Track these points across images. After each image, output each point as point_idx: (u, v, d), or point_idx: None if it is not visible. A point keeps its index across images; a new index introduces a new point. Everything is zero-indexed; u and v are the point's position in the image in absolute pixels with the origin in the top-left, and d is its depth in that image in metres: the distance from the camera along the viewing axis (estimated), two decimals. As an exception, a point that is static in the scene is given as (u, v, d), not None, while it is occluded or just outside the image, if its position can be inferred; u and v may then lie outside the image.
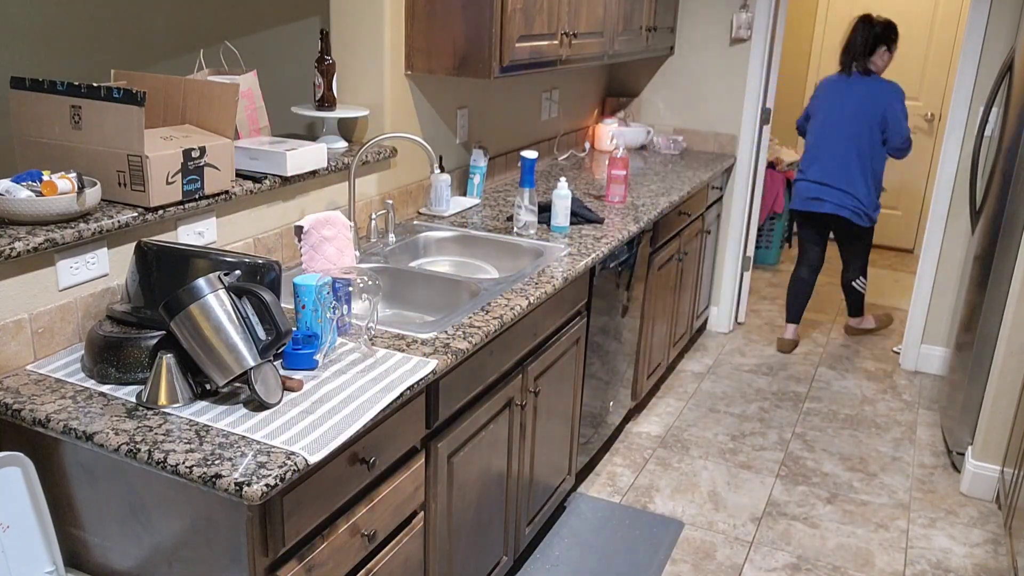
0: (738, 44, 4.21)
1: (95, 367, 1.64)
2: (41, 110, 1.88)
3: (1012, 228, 3.05)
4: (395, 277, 2.40)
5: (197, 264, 1.68)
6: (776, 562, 2.76)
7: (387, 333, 1.94)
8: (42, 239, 1.65)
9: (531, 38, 2.78)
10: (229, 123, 2.04)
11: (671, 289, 3.67)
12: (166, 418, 1.52)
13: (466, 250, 2.74)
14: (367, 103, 2.71)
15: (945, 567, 2.78)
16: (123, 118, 1.81)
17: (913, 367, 4.26)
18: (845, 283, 4.47)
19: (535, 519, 2.63)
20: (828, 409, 3.82)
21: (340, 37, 2.68)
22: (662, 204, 3.26)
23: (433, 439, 1.92)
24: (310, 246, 2.16)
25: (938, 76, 5.82)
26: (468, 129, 3.21)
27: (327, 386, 1.67)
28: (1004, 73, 3.45)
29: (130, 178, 1.84)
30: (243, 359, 1.54)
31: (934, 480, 3.29)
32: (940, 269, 4.07)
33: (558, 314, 2.49)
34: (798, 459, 3.39)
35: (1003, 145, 3.31)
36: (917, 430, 3.67)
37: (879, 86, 4.00)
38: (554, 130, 3.99)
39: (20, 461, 1.51)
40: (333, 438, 1.49)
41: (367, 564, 1.71)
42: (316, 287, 1.76)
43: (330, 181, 2.49)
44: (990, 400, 3.05)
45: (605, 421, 3.15)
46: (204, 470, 1.37)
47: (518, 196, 2.71)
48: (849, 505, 3.10)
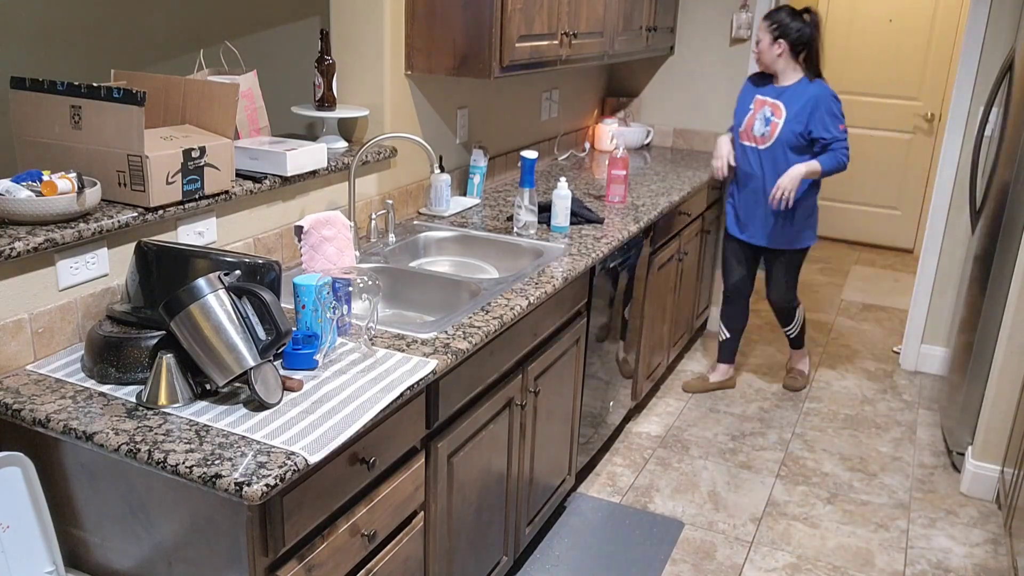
0: (738, 44, 4.21)
1: (95, 367, 1.64)
2: (41, 110, 1.88)
3: (1012, 228, 3.05)
4: (395, 277, 2.40)
5: (197, 264, 1.68)
6: (776, 562, 2.76)
7: (387, 333, 1.94)
8: (42, 239, 1.65)
9: (531, 38, 2.78)
10: (229, 123, 2.04)
11: (671, 289, 3.67)
12: (166, 418, 1.52)
13: (466, 250, 2.74)
14: (367, 103, 2.71)
15: (945, 567, 2.77)
16: (123, 118, 1.81)
17: (913, 367, 4.26)
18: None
19: (535, 519, 2.63)
20: (828, 409, 3.82)
21: (340, 37, 2.68)
22: (662, 204, 3.26)
23: (433, 439, 1.92)
24: (310, 246, 2.16)
25: (938, 76, 5.82)
26: (468, 129, 3.20)
27: (327, 386, 1.67)
28: (1004, 73, 3.45)
29: (130, 178, 1.84)
30: (243, 359, 1.54)
31: (934, 480, 3.29)
32: (940, 269, 4.07)
33: (558, 314, 2.49)
34: (798, 459, 3.39)
35: (1003, 145, 3.31)
36: (917, 430, 3.67)
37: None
38: (554, 130, 3.98)
39: (20, 461, 1.51)
40: (333, 438, 1.49)
41: (367, 564, 1.71)
42: (316, 287, 1.76)
43: (330, 181, 2.49)
44: (990, 400, 3.05)
45: (605, 421, 3.15)
46: (204, 470, 1.37)
47: (518, 196, 2.71)
48: (849, 505, 3.10)
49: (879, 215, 6.22)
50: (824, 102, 3.29)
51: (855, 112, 6.09)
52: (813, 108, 3.29)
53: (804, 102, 3.31)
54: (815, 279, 5.57)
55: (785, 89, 3.36)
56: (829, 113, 3.29)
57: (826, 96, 3.30)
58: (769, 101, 3.39)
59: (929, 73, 5.84)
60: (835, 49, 6.04)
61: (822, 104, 3.29)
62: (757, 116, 3.40)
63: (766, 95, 3.41)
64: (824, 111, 3.28)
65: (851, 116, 6.09)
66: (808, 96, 3.30)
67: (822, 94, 3.30)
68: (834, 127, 3.30)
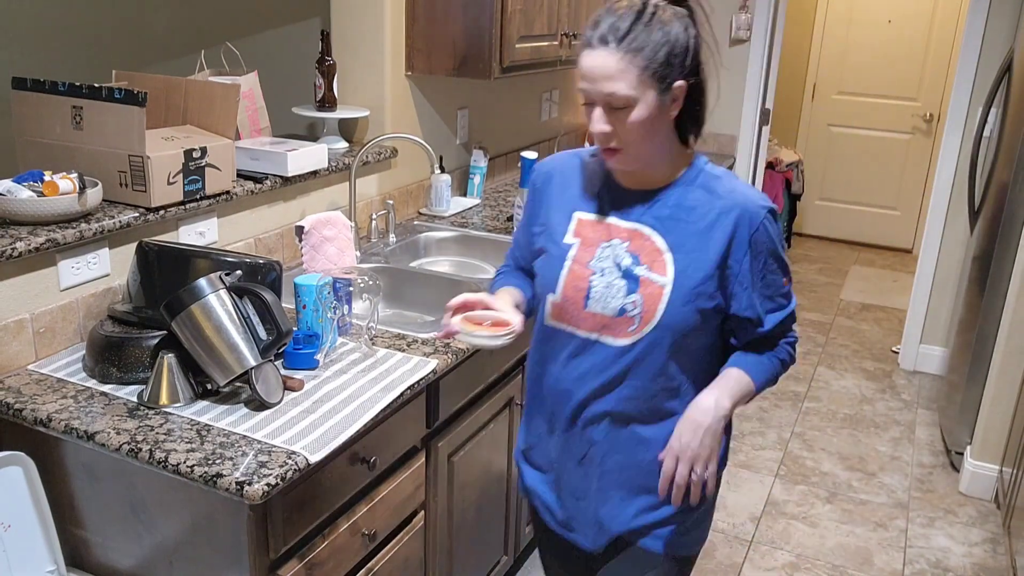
0: (737, 45, 4.21)
1: (96, 367, 1.65)
2: (42, 110, 1.89)
3: (1011, 228, 3.06)
4: (395, 277, 2.41)
5: (198, 264, 1.68)
6: (775, 561, 2.77)
7: (387, 333, 1.95)
8: (43, 239, 1.66)
9: (531, 39, 2.79)
10: (230, 123, 2.04)
11: (671, 289, 3.66)
12: (167, 418, 1.53)
13: (466, 250, 2.75)
14: (368, 103, 2.71)
15: (944, 566, 2.78)
16: (124, 118, 1.81)
17: (912, 367, 4.27)
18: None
19: (535, 519, 2.64)
20: (827, 408, 3.83)
21: (341, 38, 2.69)
22: (662, 204, 3.25)
23: (433, 439, 1.92)
24: (311, 246, 2.17)
25: (938, 76, 5.83)
26: (468, 129, 3.21)
27: (328, 386, 1.67)
28: (1003, 73, 3.46)
29: (131, 178, 1.84)
30: (244, 359, 1.54)
31: (933, 479, 3.30)
32: (939, 269, 4.08)
33: (558, 314, 2.49)
34: (797, 458, 3.40)
35: (1002, 145, 3.31)
36: (916, 430, 3.68)
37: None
38: (554, 130, 3.99)
39: (21, 460, 1.51)
40: (334, 438, 1.49)
41: (367, 563, 1.72)
42: (317, 287, 1.76)
43: (331, 181, 2.49)
44: (989, 400, 3.06)
45: (605, 421, 3.15)
46: (205, 469, 1.37)
47: (518, 196, 2.72)
48: (848, 504, 3.10)
49: (878, 215, 6.23)
50: (761, 229, 1.39)
51: (855, 112, 6.10)
52: (737, 245, 1.38)
53: (710, 228, 1.39)
54: (815, 279, 5.58)
55: (656, 199, 1.42)
56: (773, 256, 1.41)
57: (758, 211, 1.38)
58: (624, 228, 1.43)
59: (928, 73, 5.85)
60: (835, 49, 6.05)
61: (759, 235, 1.39)
62: (597, 268, 1.43)
63: (615, 215, 1.45)
64: (765, 252, 1.40)
65: (851, 116, 6.13)
66: (717, 213, 1.39)
67: (748, 207, 1.38)
68: (778, 287, 1.44)
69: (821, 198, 6.36)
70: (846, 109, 6.12)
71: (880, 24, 5.87)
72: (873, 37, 5.91)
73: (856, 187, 6.22)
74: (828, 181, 6.30)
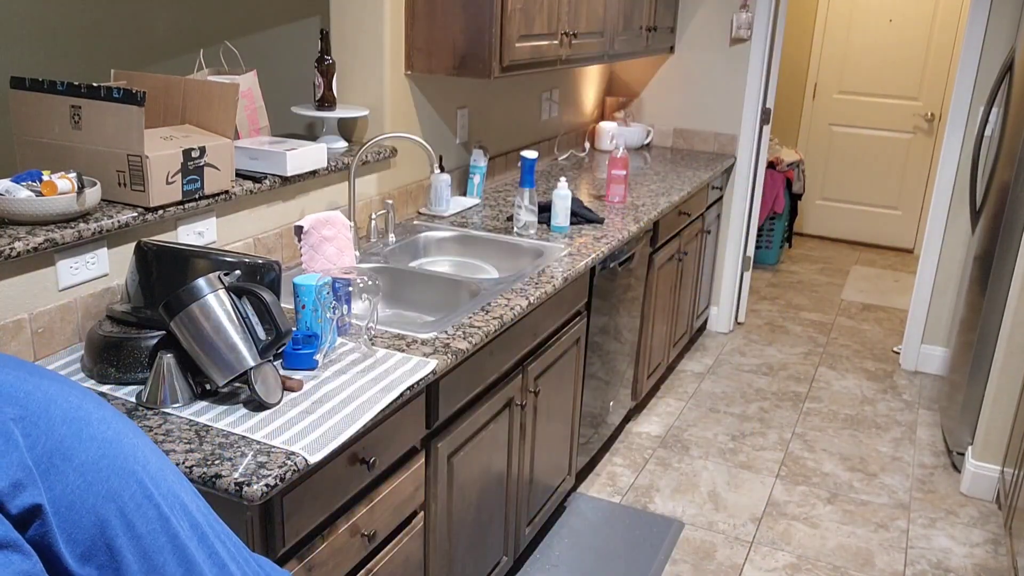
0: (738, 44, 4.21)
1: (95, 367, 1.64)
2: (41, 110, 1.88)
3: (1012, 228, 3.05)
4: (395, 277, 2.40)
5: (197, 264, 1.68)
6: (776, 562, 2.76)
7: (387, 333, 1.94)
8: (42, 239, 1.65)
9: (531, 38, 2.78)
10: (229, 123, 2.04)
11: (671, 289, 3.66)
12: (166, 418, 1.52)
13: (466, 250, 2.74)
14: (367, 103, 2.70)
15: (945, 567, 2.77)
16: (123, 118, 1.81)
17: (913, 367, 4.26)
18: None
19: (535, 519, 2.63)
20: (828, 409, 3.82)
21: (340, 37, 2.68)
22: (662, 204, 3.25)
23: (433, 439, 1.92)
24: (310, 246, 2.16)
25: (938, 76, 5.82)
26: (468, 129, 3.20)
27: (327, 386, 1.67)
28: (1004, 73, 3.45)
29: (130, 178, 1.84)
30: (243, 359, 1.54)
31: (934, 480, 3.29)
32: (940, 269, 4.07)
33: (558, 314, 2.49)
34: (798, 459, 3.39)
35: (1003, 145, 3.31)
36: (917, 430, 3.67)
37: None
38: (554, 130, 3.98)
39: (20, 461, 1.51)
40: (333, 438, 1.49)
41: (367, 564, 1.71)
42: (316, 287, 1.76)
43: (330, 181, 2.49)
44: (990, 400, 3.05)
45: (605, 421, 3.15)
46: (204, 470, 1.37)
47: (518, 196, 2.71)
48: (849, 505, 3.10)
49: (879, 215, 6.22)
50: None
51: (856, 112, 6.09)
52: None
53: None
54: (815, 279, 5.57)
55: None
56: None
57: None
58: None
59: (929, 73, 5.84)
60: (836, 48, 6.04)
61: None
62: None
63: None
64: None
65: (851, 116, 6.12)
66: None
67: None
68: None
69: (822, 198, 6.36)
70: (847, 109, 6.12)
71: (881, 23, 5.86)
72: (874, 36, 5.90)
73: (857, 187, 6.22)
74: (829, 181, 6.29)
